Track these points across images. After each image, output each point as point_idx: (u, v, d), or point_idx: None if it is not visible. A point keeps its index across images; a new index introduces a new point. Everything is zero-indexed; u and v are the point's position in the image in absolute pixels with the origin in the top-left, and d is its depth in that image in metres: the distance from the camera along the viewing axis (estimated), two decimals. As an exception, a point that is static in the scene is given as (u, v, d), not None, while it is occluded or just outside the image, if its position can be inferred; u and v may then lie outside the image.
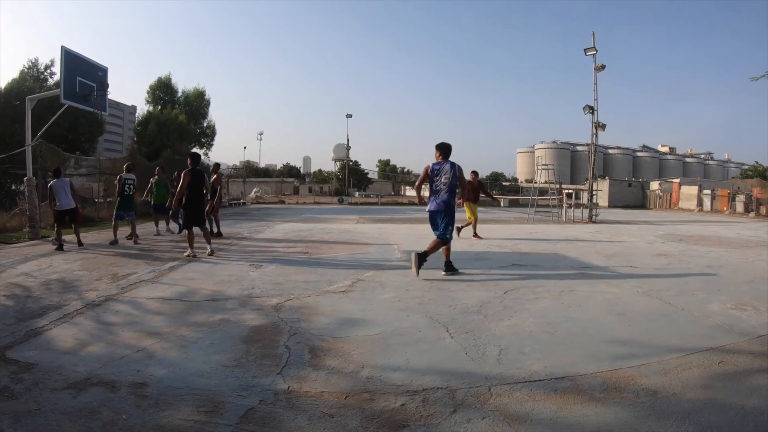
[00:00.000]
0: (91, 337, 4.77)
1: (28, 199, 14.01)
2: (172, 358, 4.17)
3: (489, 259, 9.72)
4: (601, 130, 23.51)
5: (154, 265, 8.77)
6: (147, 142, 37.98)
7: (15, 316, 5.53)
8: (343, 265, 8.96)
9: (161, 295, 6.52)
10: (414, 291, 6.72)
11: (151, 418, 3.10)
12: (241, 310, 5.74)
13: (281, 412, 3.15)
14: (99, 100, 15.73)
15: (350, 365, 3.95)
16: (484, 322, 5.24)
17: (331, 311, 5.66)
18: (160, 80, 43.12)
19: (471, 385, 3.54)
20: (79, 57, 14.84)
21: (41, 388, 3.54)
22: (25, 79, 36.85)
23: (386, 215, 25.55)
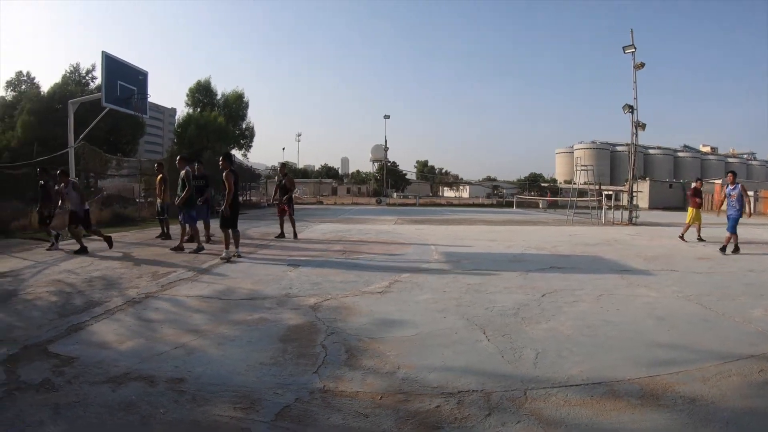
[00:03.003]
0: (132, 333, 4.92)
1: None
2: (210, 355, 4.26)
3: (527, 261, 9.59)
4: (641, 129, 22.82)
5: (194, 264, 8.96)
6: (187, 143, 38.73)
7: (57, 311, 5.76)
8: (381, 265, 8.97)
9: (200, 293, 6.66)
10: (451, 292, 6.68)
11: (188, 413, 3.17)
12: (279, 309, 5.82)
13: (316, 411, 3.19)
14: (140, 103, 16.26)
15: (386, 366, 3.96)
16: (522, 324, 5.19)
17: (369, 312, 5.68)
18: (199, 83, 43.95)
19: (507, 389, 3.52)
20: (120, 62, 15.36)
21: (81, 381, 3.67)
22: (67, 83, 38.35)
23: (424, 216, 25.50)
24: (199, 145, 36.74)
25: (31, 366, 4.00)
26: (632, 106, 22.54)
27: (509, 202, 48.46)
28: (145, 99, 16.64)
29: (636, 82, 22.69)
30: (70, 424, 3.03)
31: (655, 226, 21.09)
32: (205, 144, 36.29)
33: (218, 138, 38.89)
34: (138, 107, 16.35)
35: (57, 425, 3.03)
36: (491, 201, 55.72)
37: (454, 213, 30.14)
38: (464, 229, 17.54)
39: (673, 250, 12.18)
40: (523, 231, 16.51)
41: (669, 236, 16.00)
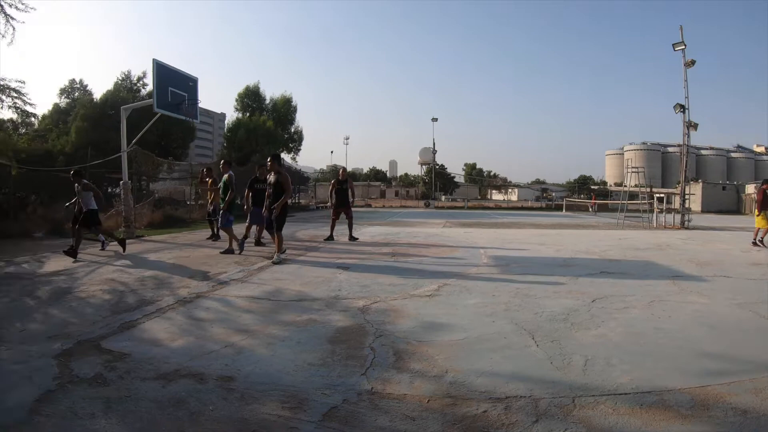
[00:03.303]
0: (182, 332, 5.04)
1: (124, 201, 15.14)
2: (259, 355, 4.31)
3: (577, 265, 9.37)
4: (692, 129, 22.02)
5: (244, 265, 9.11)
6: (237, 147, 39.67)
7: (111, 309, 5.96)
8: (430, 269, 8.92)
9: (250, 294, 6.76)
10: (500, 297, 6.59)
11: (236, 410, 3.21)
12: (328, 311, 5.85)
13: (364, 412, 3.18)
14: (190, 108, 16.65)
15: (434, 369, 3.93)
16: (571, 330, 5.07)
17: (417, 315, 5.66)
18: (248, 88, 45.04)
19: (555, 395, 3.44)
20: (170, 68, 15.79)
21: (133, 376, 3.77)
22: (119, 90, 39.92)
23: (472, 219, 25.36)
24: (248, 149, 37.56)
25: (84, 361, 4.13)
26: (683, 105, 21.92)
27: (558, 205, 47.73)
28: (196, 104, 17.01)
29: (687, 80, 22.02)
30: (121, 418, 3.11)
31: (707, 230, 20.50)
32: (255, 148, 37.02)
33: (267, 142, 39.64)
34: (189, 112, 16.75)
35: (108, 418, 3.11)
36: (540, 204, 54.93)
37: (503, 216, 29.85)
38: (513, 232, 17.38)
39: (726, 255, 11.74)
40: (572, 235, 16.21)
41: (722, 241, 15.49)
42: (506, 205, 52.83)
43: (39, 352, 4.37)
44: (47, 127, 43.86)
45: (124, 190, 15.28)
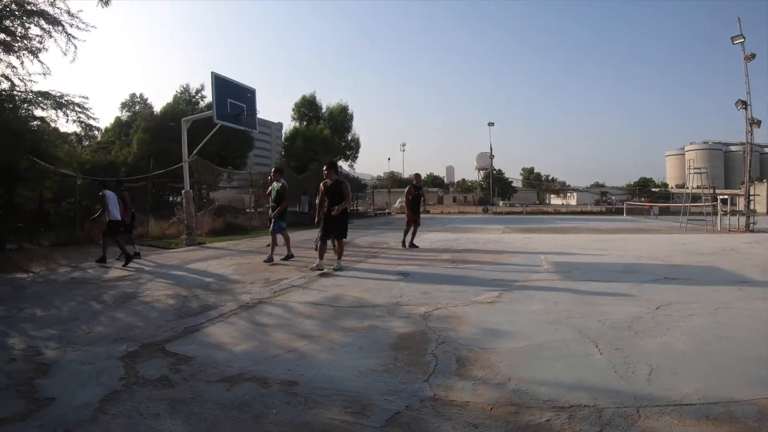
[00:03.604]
0: (245, 337, 5.13)
1: (186, 209, 15.66)
2: (321, 360, 4.33)
3: (639, 271, 9.02)
4: (756, 127, 20.95)
5: (304, 272, 9.19)
6: (294, 156, 40.43)
7: (175, 313, 6.16)
8: (490, 275, 8.80)
9: (311, 300, 6.82)
10: (562, 304, 6.43)
11: (299, 414, 3.24)
12: (389, 317, 5.83)
13: (426, 419, 3.16)
14: (249, 119, 17.09)
15: (497, 376, 3.87)
16: (635, 338, 4.88)
17: (479, 321, 5.59)
18: (304, 98, 45.82)
19: (619, 405, 3.33)
20: (228, 81, 16.28)
21: (197, 379, 3.86)
22: (178, 102, 41.68)
23: (532, 225, 24.92)
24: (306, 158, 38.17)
25: (149, 363, 4.26)
26: (745, 101, 20.96)
27: (618, 209, 46.34)
28: (254, 115, 17.45)
29: (747, 75, 20.97)
30: (186, 419, 3.18)
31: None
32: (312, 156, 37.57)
33: (324, 150, 40.20)
34: (248, 123, 17.22)
35: (173, 419, 3.18)
36: (600, 208, 53.51)
37: (562, 221, 29.23)
38: (573, 237, 16.99)
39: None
40: (634, 239, 15.72)
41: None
42: (565, 210, 51.68)
43: (105, 353, 4.54)
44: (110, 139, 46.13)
45: (186, 199, 15.81)
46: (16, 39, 12.36)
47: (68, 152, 16.19)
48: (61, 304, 6.83)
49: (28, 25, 12.46)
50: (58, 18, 12.62)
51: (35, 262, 11.21)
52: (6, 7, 12.07)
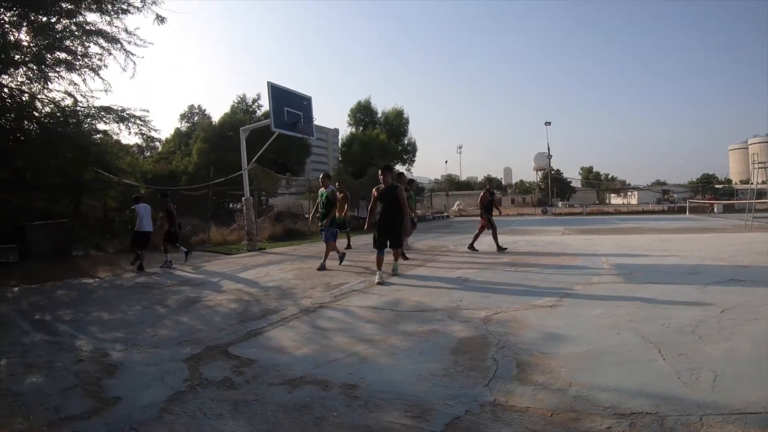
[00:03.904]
0: (306, 340, 5.21)
1: (246, 216, 16.08)
2: (382, 364, 4.35)
3: (703, 273, 8.64)
4: None
5: (364, 276, 9.26)
6: (352, 161, 40.97)
7: (237, 317, 6.33)
8: (550, 278, 8.63)
9: (372, 304, 6.86)
10: (624, 307, 6.24)
11: (360, 417, 3.28)
12: (450, 321, 5.81)
13: (486, 424, 3.15)
14: (306, 126, 17.42)
15: (557, 382, 3.82)
16: (699, 343, 4.69)
17: (539, 326, 5.50)
18: (359, 103, 46.60)
19: (681, 413, 3.23)
20: (284, 89, 16.66)
21: (259, 381, 3.96)
22: (236, 112, 43.01)
23: (592, 226, 24.19)
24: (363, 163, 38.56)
25: (213, 365, 4.40)
26: None
27: (681, 208, 44.47)
28: (311, 122, 17.78)
29: None
30: (248, 420, 3.26)
31: None
32: (369, 161, 37.89)
33: (381, 155, 40.53)
34: (305, 130, 17.54)
35: (235, 420, 3.27)
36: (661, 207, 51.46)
37: (623, 221, 28.30)
38: (635, 238, 16.43)
39: None
40: (697, 239, 15.07)
41: None
42: (626, 210, 49.86)
43: (170, 356, 4.71)
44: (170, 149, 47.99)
45: (246, 206, 16.25)
46: (77, 57, 13.04)
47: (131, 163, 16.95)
48: (127, 308, 7.13)
49: (87, 44, 13.15)
50: (117, 36, 13.30)
51: (101, 268, 11.77)
52: (66, 28, 12.73)
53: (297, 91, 17.31)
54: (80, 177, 14.56)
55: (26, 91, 12.88)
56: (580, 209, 49.09)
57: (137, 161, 23.14)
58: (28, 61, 12.42)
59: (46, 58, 12.57)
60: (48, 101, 13.30)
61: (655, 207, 52.53)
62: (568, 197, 79.46)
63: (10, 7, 11.95)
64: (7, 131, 12.70)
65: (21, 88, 12.79)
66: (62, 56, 12.80)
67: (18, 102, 12.65)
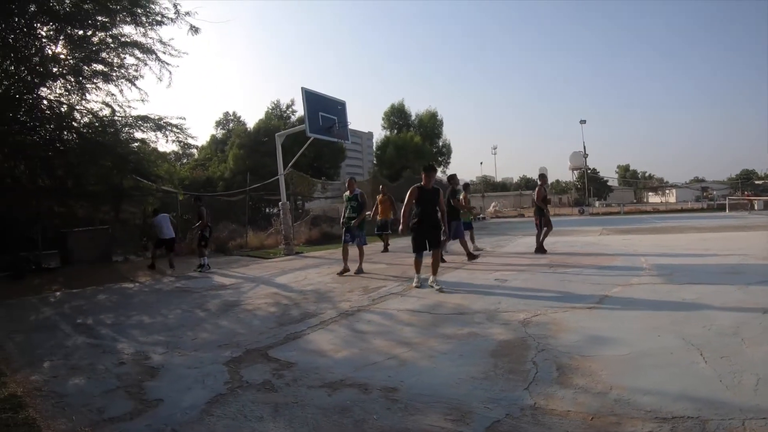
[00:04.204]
0: (345, 344, 5.25)
1: (283, 220, 16.27)
2: (421, 367, 4.36)
3: (745, 272, 8.39)
4: None
5: (402, 280, 9.25)
6: (387, 164, 41.05)
7: (276, 321, 6.41)
8: (589, 279, 8.50)
9: (410, 308, 6.86)
10: (665, 308, 6.13)
11: (399, 420, 3.28)
12: (489, 324, 5.78)
13: (526, 428, 3.14)
14: (341, 130, 17.56)
15: (598, 385, 3.77)
16: (741, 346, 4.57)
17: (579, 328, 5.43)
18: (393, 106, 46.82)
19: (724, 417, 3.16)
20: (318, 95, 16.82)
21: (299, 384, 4.00)
22: (270, 118, 43.58)
23: (630, 225, 23.69)
24: (398, 165, 38.62)
25: (253, 368, 4.45)
26: None
27: (720, 205, 43.18)
28: (346, 126, 17.89)
29: None
30: (288, 422, 3.29)
31: None
32: (405, 163, 37.93)
33: (416, 157, 40.56)
34: (340, 134, 17.70)
35: (275, 422, 3.31)
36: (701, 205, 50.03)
37: (662, 220, 27.68)
38: (674, 237, 16.06)
39: None
40: (738, 238, 14.62)
41: None
42: (664, 208, 48.57)
43: (210, 359, 4.79)
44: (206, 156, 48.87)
45: (283, 210, 16.44)
46: (113, 69, 13.43)
47: (168, 170, 17.40)
48: (167, 312, 7.29)
49: (123, 56, 13.52)
50: (151, 47, 13.63)
51: (141, 273, 12.04)
52: (102, 41, 13.09)
53: (331, 95, 17.46)
54: (120, 184, 14.92)
55: (65, 103, 13.28)
56: (618, 208, 48.26)
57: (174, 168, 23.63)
58: (65, 73, 12.80)
59: (83, 70, 12.94)
60: (86, 112, 13.70)
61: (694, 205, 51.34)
62: (605, 196, 78.27)
63: (47, 22, 12.34)
64: (47, 141, 13.11)
65: (59, 99, 13.20)
66: (99, 68, 13.18)
67: (57, 113, 13.05)
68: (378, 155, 44.76)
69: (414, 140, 41.58)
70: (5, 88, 12.27)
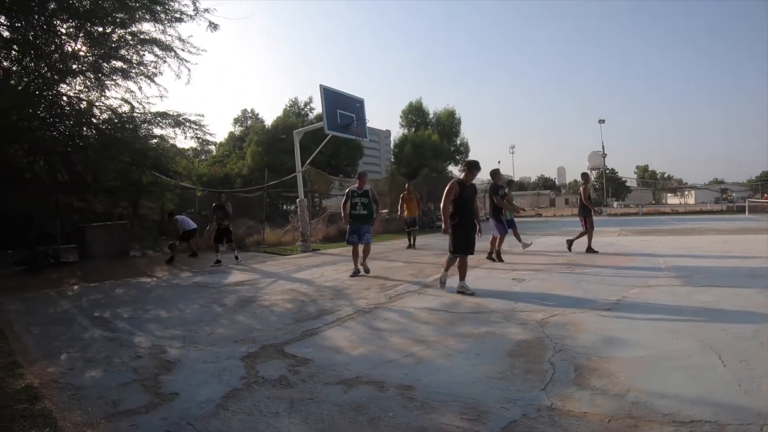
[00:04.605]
0: (362, 341, 5.24)
1: (300, 217, 16.33)
2: (438, 366, 4.34)
3: (765, 275, 8.27)
4: None
5: (419, 278, 9.24)
6: (405, 162, 41.15)
7: (293, 317, 6.41)
8: (608, 280, 8.43)
9: (427, 306, 6.84)
10: (683, 311, 6.06)
11: (415, 418, 3.27)
12: (506, 323, 5.75)
13: (543, 428, 3.11)
14: (359, 128, 17.57)
15: (615, 387, 3.73)
16: (761, 349, 4.49)
17: (596, 329, 5.39)
18: (411, 105, 47.07)
19: (742, 422, 3.10)
20: (337, 92, 16.85)
21: (315, 381, 3.99)
22: (288, 116, 43.91)
23: (648, 226, 23.40)
24: (415, 164, 38.63)
25: (269, 364, 4.46)
26: None
27: (740, 207, 42.56)
28: (364, 124, 17.89)
29: None
30: (304, 419, 3.29)
31: None
32: (422, 162, 37.93)
33: (434, 155, 40.65)
34: (358, 132, 17.71)
35: (291, 417, 3.31)
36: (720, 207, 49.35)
37: (681, 222, 27.32)
38: (693, 239, 15.85)
39: None
40: (759, 240, 14.34)
41: None
42: (683, 210, 48.05)
43: (227, 354, 4.80)
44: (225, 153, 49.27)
45: (300, 207, 16.51)
46: (132, 66, 13.63)
47: (186, 167, 17.52)
48: (184, 307, 7.33)
49: (142, 53, 13.73)
50: (170, 44, 13.82)
51: (158, 268, 12.15)
52: (121, 38, 13.23)
53: (349, 93, 17.49)
54: (138, 180, 15.08)
55: (84, 99, 13.47)
56: (636, 209, 47.83)
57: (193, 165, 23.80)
58: (85, 70, 12.99)
59: (103, 67, 13.12)
60: (105, 108, 13.90)
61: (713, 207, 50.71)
62: (623, 197, 77.64)
63: (67, 19, 12.51)
64: (67, 137, 13.30)
65: (79, 96, 13.39)
66: (118, 65, 13.39)
67: (76, 109, 13.22)
68: (395, 153, 44.89)
69: (431, 138, 41.67)
70: (25, 84, 12.45)
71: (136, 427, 3.25)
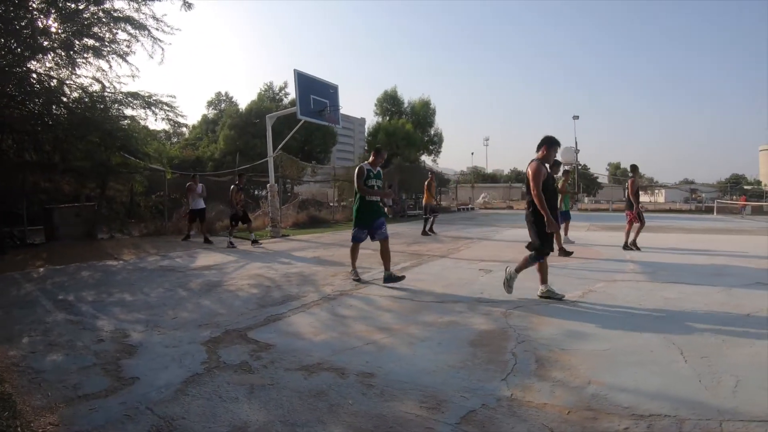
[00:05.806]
0: (325, 327, 5.24)
1: (271, 203, 16.31)
2: (400, 354, 4.36)
3: (729, 274, 8.48)
4: None
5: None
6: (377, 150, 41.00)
7: (257, 302, 6.38)
8: (574, 273, 8.55)
9: (392, 294, 6.87)
10: (647, 306, 6.16)
11: (374, 406, 3.29)
12: (470, 313, 5.79)
13: (501, 419, 3.14)
14: (332, 114, 17.56)
15: (576, 379, 3.78)
16: (722, 347, 4.60)
17: (560, 321, 5.46)
18: (386, 93, 46.93)
19: (701, 417, 3.18)
20: (311, 77, 16.78)
21: (276, 366, 3.99)
22: (262, 100, 43.61)
23: (618, 223, 23.76)
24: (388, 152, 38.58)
25: (231, 349, 4.44)
26: None
27: (708, 208, 43.58)
28: (337, 110, 17.89)
29: None
30: (263, 404, 3.29)
31: None
32: (395, 150, 37.96)
33: (407, 144, 40.66)
34: (331, 118, 17.70)
35: (250, 403, 3.30)
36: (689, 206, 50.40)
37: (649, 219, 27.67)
38: (661, 237, 16.17)
39: None
40: (724, 240, 14.75)
41: None
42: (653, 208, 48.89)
43: (189, 338, 4.78)
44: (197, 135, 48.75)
45: (271, 193, 16.45)
46: (105, 44, 13.21)
47: (157, 149, 17.26)
48: (149, 291, 7.24)
49: (115, 31, 13.30)
50: (144, 23, 13.40)
51: (126, 251, 11.98)
52: (94, 15, 12.87)
53: (324, 79, 17.40)
54: (107, 161, 14.80)
55: (54, 77, 13.08)
56: (606, 206, 48.56)
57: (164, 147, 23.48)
58: (56, 47, 12.61)
59: (74, 45, 12.74)
60: (76, 87, 13.51)
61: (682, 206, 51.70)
62: (594, 193, 78.60)
63: (39, -6, 12.12)
64: (36, 116, 12.94)
65: (49, 73, 13.00)
66: (90, 42, 12.97)
67: (46, 87, 12.85)
68: (369, 141, 44.88)
69: (405, 127, 41.63)
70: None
71: (95, 411, 3.21)
